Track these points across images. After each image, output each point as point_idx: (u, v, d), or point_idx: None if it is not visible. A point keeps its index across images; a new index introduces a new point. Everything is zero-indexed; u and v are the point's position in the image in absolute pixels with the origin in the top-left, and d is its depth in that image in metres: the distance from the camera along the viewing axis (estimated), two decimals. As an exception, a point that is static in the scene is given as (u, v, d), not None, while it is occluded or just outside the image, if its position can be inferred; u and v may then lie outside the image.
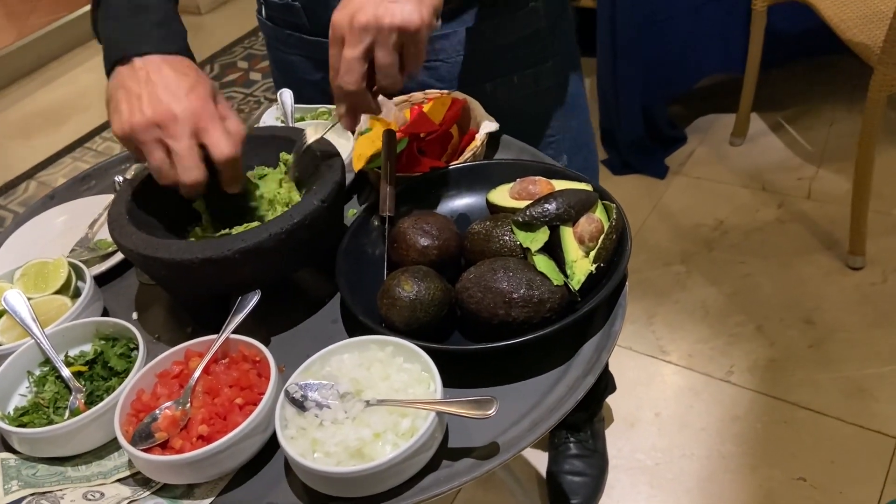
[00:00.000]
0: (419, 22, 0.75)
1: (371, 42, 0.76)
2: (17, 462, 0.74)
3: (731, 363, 1.90)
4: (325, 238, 0.86)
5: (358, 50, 0.76)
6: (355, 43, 0.76)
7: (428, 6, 0.76)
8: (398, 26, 0.74)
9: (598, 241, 0.81)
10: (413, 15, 0.75)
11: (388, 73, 0.77)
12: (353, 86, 0.77)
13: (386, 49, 0.76)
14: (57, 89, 3.58)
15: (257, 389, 0.74)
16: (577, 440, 1.69)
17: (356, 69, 0.77)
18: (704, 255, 2.21)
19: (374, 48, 0.76)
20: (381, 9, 0.74)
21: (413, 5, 0.75)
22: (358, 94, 0.78)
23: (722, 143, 2.61)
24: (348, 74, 0.77)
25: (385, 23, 0.74)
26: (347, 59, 0.76)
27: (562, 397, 0.74)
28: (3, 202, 2.87)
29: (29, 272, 0.91)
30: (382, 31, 0.75)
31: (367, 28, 0.75)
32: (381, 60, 0.76)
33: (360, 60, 0.76)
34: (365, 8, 0.75)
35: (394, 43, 0.76)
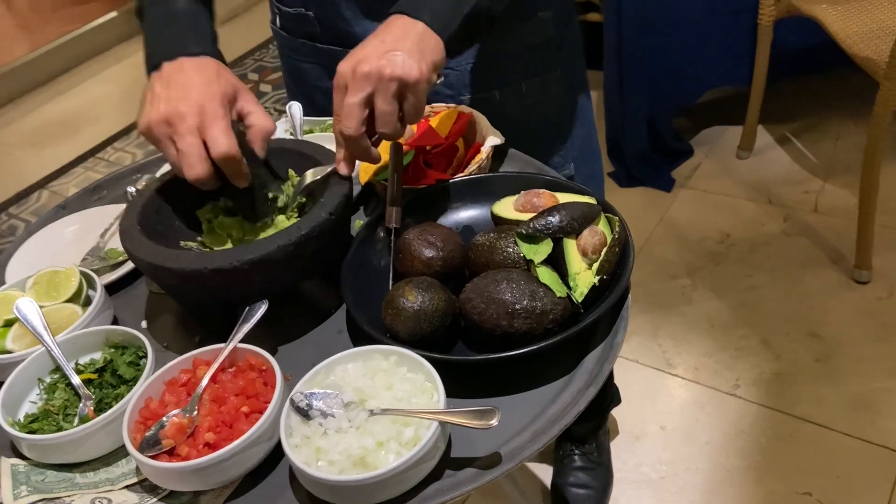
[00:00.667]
0: (418, 75, 0.79)
1: (372, 90, 0.80)
2: (27, 468, 0.75)
3: (736, 377, 1.90)
4: (332, 249, 0.88)
5: (358, 97, 0.80)
6: (356, 90, 0.80)
7: (428, 62, 0.81)
8: (398, 77, 0.79)
9: (601, 254, 0.82)
10: (413, 68, 0.79)
11: (387, 121, 0.81)
12: (352, 131, 0.81)
13: (385, 97, 0.80)
14: (69, 100, 3.62)
15: (263, 398, 0.75)
16: (582, 452, 1.69)
17: (356, 115, 0.80)
18: (710, 269, 2.21)
19: (374, 97, 0.80)
20: (383, 60, 0.79)
21: (414, 60, 0.79)
22: (356, 139, 0.82)
23: (728, 156, 2.61)
24: (348, 119, 0.80)
25: (386, 73, 0.78)
26: (348, 105, 0.80)
27: (564, 408, 0.75)
28: (16, 211, 2.90)
29: (41, 281, 0.92)
30: (382, 80, 0.79)
31: (368, 77, 0.79)
32: (380, 108, 0.80)
33: (360, 107, 0.80)
34: (369, 58, 0.79)
35: (393, 93, 0.80)
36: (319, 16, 1.11)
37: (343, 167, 0.86)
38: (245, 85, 0.90)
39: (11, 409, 0.79)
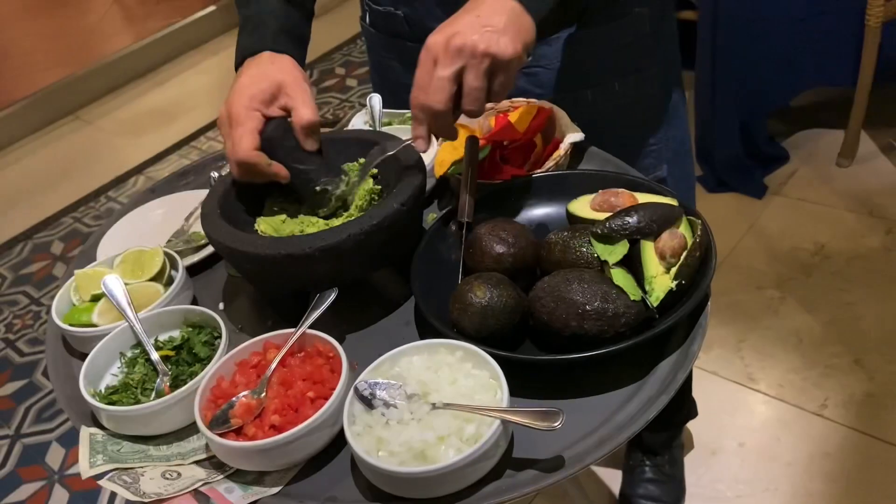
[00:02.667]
0: (512, 53, 0.77)
1: (463, 65, 0.78)
2: (104, 438, 0.79)
3: (824, 396, 1.80)
4: (403, 241, 0.88)
5: (450, 70, 0.78)
6: (448, 64, 0.77)
7: (523, 41, 0.79)
8: (493, 54, 0.77)
9: (680, 258, 0.79)
10: (508, 46, 0.77)
11: (476, 98, 0.79)
12: (440, 105, 0.79)
13: (477, 73, 0.77)
14: (168, 90, 3.80)
15: (329, 384, 0.76)
16: (654, 464, 1.63)
17: (446, 89, 0.78)
18: (802, 281, 2.10)
19: (464, 72, 0.78)
20: (477, 35, 0.77)
21: (509, 37, 0.77)
22: (443, 114, 0.80)
23: (828, 163, 2.47)
24: (438, 93, 0.78)
25: (480, 48, 0.76)
26: (439, 78, 0.78)
27: (633, 416, 0.72)
28: (114, 195, 3.06)
29: (127, 259, 0.96)
30: (476, 55, 0.77)
31: (461, 51, 0.77)
32: (470, 84, 0.78)
33: (451, 81, 0.78)
34: (463, 32, 0.77)
35: (485, 69, 0.77)
36: (409, 15, 1.11)
37: (421, 143, 0.83)
38: (298, 77, 0.90)
39: (94, 381, 0.83)
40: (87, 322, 0.90)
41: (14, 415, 2.13)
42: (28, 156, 3.47)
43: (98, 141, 3.50)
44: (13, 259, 2.79)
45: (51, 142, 3.55)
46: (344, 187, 0.92)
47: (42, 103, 3.65)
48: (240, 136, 0.85)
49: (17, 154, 3.49)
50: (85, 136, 3.56)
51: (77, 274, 0.95)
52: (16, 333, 2.43)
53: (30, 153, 3.49)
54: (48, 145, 3.53)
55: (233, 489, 0.72)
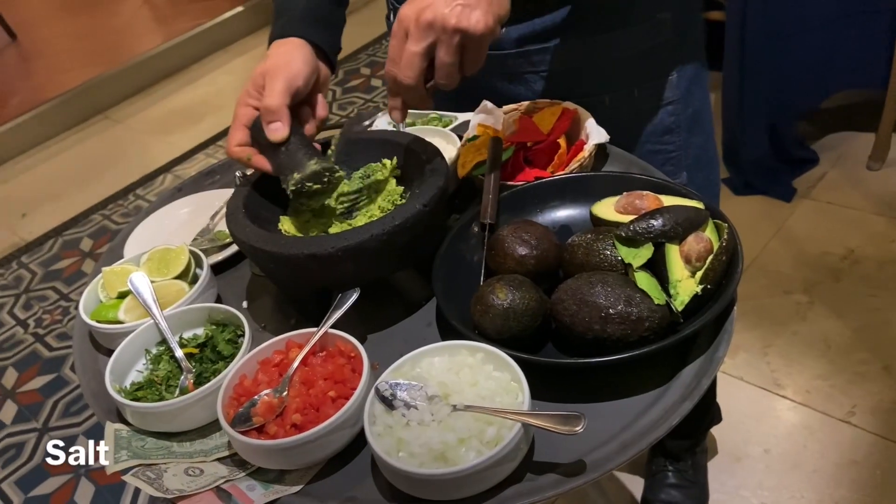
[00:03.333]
0: (484, 28, 0.76)
1: (434, 40, 0.77)
2: (129, 434, 0.80)
3: (852, 403, 1.76)
4: (425, 242, 0.87)
5: (421, 46, 0.77)
6: (419, 39, 0.77)
7: (494, 14, 0.77)
8: (463, 29, 0.76)
9: (705, 262, 0.78)
10: (479, 21, 0.76)
11: (448, 73, 0.78)
12: (411, 80, 0.78)
13: (448, 49, 0.77)
14: (196, 89, 3.84)
15: (350, 384, 0.76)
16: (677, 469, 1.62)
17: (416, 64, 0.78)
18: (830, 286, 2.06)
19: (436, 46, 0.77)
20: (448, 9, 0.75)
21: (481, 12, 0.76)
22: (414, 88, 0.79)
23: (858, 166, 2.43)
24: (409, 69, 0.78)
25: (451, 24, 0.75)
26: (410, 53, 0.77)
27: (656, 421, 0.71)
28: (142, 192, 3.10)
29: (154, 257, 0.98)
30: (447, 30, 0.76)
31: (432, 26, 0.76)
32: (442, 59, 0.78)
33: (421, 56, 0.77)
34: (434, 5, 0.76)
35: (456, 44, 0.77)
36: None
37: (396, 114, 0.84)
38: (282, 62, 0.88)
39: (119, 377, 0.84)
40: (114, 319, 0.91)
41: (42, 408, 2.17)
42: (58, 154, 3.53)
43: (127, 140, 3.56)
44: (43, 255, 2.84)
45: (80, 140, 3.61)
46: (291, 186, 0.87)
47: (72, 102, 3.71)
48: (231, 131, 0.90)
49: (48, 152, 3.56)
50: (114, 135, 3.62)
51: (104, 271, 0.96)
52: (45, 328, 2.47)
53: (60, 151, 3.55)
54: (78, 144, 3.59)
55: (254, 487, 0.73)
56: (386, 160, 0.95)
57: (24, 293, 2.65)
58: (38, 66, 4.33)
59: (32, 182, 3.37)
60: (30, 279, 2.72)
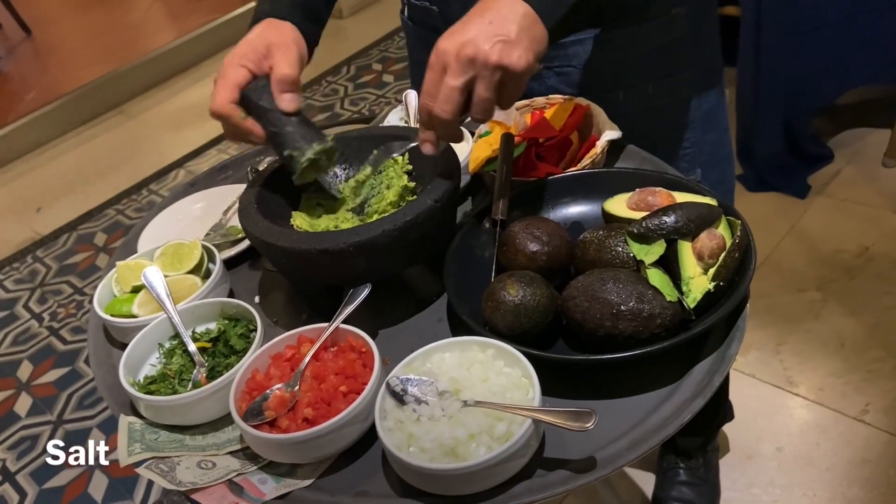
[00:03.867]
0: (525, 65, 0.75)
1: (474, 75, 0.76)
2: (142, 426, 0.80)
3: (866, 401, 1.75)
4: (436, 238, 0.88)
5: (460, 81, 0.76)
6: (459, 74, 0.76)
7: (534, 52, 0.77)
8: (505, 66, 0.75)
9: (718, 259, 0.77)
10: (521, 58, 0.75)
11: (485, 108, 0.78)
12: (448, 115, 0.77)
13: (488, 85, 0.76)
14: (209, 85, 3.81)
15: (361, 379, 0.76)
16: (688, 467, 1.61)
17: (455, 99, 0.77)
18: (844, 283, 2.05)
19: (475, 82, 0.76)
20: (489, 45, 0.74)
21: (522, 49, 0.75)
22: (450, 123, 0.79)
23: (873, 163, 2.41)
24: (447, 104, 0.77)
25: (492, 60, 0.74)
26: (449, 88, 0.76)
27: (667, 418, 0.71)
28: (155, 188, 3.12)
29: (167, 252, 0.98)
30: (488, 66, 0.75)
31: (473, 62, 0.75)
32: (481, 94, 0.77)
33: (460, 91, 0.76)
34: (476, 41, 0.75)
35: (497, 80, 0.76)
36: (443, 9, 1.11)
37: (428, 147, 0.82)
38: (290, 39, 0.90)
39: (133, 371, 0.85)
40: (128, 313, 0.92)
41: (57, 401, 2.19)
42: (73, 149, 3.56)
43: (140, 135, 3.58)
44: (58, 249, 2.87)
45: (95, 136, 3.63)
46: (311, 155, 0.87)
47: (86, 98, 3.73)
48: (219, 88, 0.87)
49: (62, 147, 3.58)
50: (128, 131, 3.64)
51: (118, 266, 0.97)
52: (60, 322, 2.49)
53: (74, 147, 3.57)
54: (92, 139, 3.61)
55: (266, 480, 0.73)
56: (398, 156, 0.95)
57: (39, 287, 2.68)
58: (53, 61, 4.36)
59: (47, 177, 3.40)
60: (45, 273, 2.75)
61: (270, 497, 0.71)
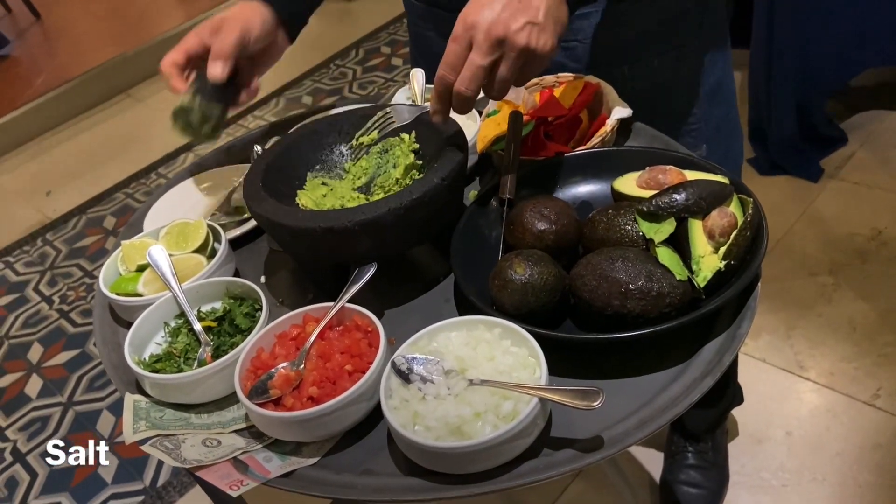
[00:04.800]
0: (550, 49, 0.77)
1: (500, 55, 0.76)
2: (148, 405, 0.80)
3: (878, 386, 1.73)
4: (443, 216, 0.87)
5: (488, 60, 0.76)
6: (486, 53, 0.76)
7: (559, 34, 0.78)
8: (532, 49, 0.75)
9: (729, 237, 0.76)
10: (547, 43, 0.76)
11: (504, 88, 0.78)
12: (471, 92, 0.78)
13: (512, 66, 0.76)
14: (217, 69, 3.84)
15: (367, 358, 0.76)
16: (697, 450, 1.60)
17: (479, 78, 0.77)
18: (857, 267, 2.03)
19: (499, 61, 0.76)
20: (517, 25, 0.74)
21: (549, 33, 0.76)
22: (471, 101, 0.79)
23: (888, 146, 2.37)
24: (472, 82, 0.77)
25: (521, 43, 0.75)
26: (475, 66, 0.76)
27: (675, 398, 0.70)
28: (164, 171, 3.12)
29: (172, 231, 0.98)
30: (515, 48, 0.75)
31: (502, 43, 0.75)
32: (502, 74, 0.77)
33: (486, 70, 0.76)
34: (506, 21, 0.74)
35: (521, 62, 0.76)
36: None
37: (439, 118, 0.82)
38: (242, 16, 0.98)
39: (138, 349, 0.85)
40: (133, 291, 0.91)
41: (67, 383, 2.21)
42: (81, 133, 3.56)
43: (149, 118, 3.57)
44: (68, 233, 2.88)
45: (103, 119, 3.64)
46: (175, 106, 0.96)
47: (95, 81, 3.73)
48: (171, 50, 0.97)
49: (71, 131, 3.59)
50: (136, 114, 3.63)
51: (124, 245, 0.97)
52: (70, 305, 2.51)
53: (83, 130, 3.58)
54: (101, 123, 3.62)
55: (271, 458, 0.73)
56: (404, 134, 0.94)
57: (49, 270, 2.69)
58: (62, 45, 4.36)
59: (56, 160, 3.40)
60: (54, 256, 2.76)
61: (275, 475, 0.71)
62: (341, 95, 3.30)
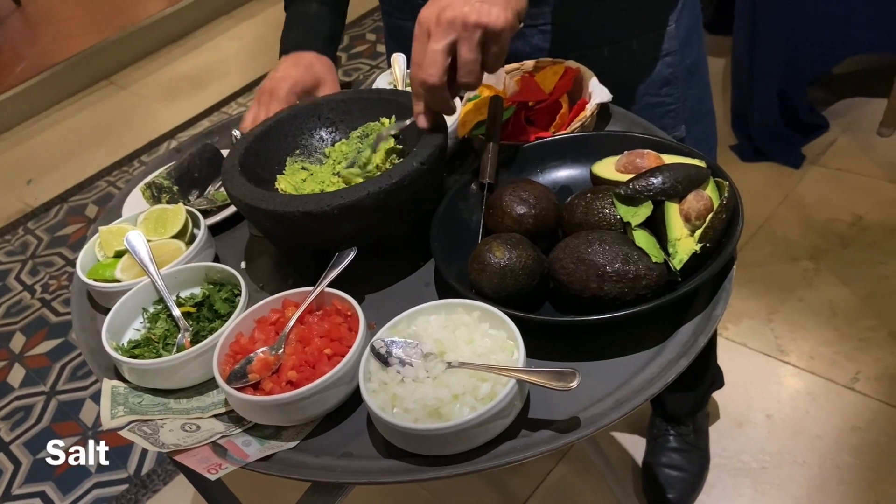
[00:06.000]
0: (504, 23, 0.77)
1: (455, 38, 0.77)
2: (126, 390, 0.80)
3: (857, 369, 1.76)
4: (423, 201, 0.87)
5: (442, 44, 0.77)
6: (440, 37, 0.77)
7: (513, 10, 0.78)
8: (483, 24, 0.76)
9: (705, 220, 0.77)
10: (499, 16, 0.77)
11: (470, 70, 0.79)
12: (435, 78, 0.78)
13: (469, 45, 0.77)
14: (201, 55, 3.80)
15: (346, 342, 0.76)
16: (678, 433, 1.62)
17: (439, 62, 0.78)
18: (837, 253, 2.05)
19: (457, 44, 0.78)
20: (467, 7, 0.76)
21: (500, 7, 0.77)
22: (438, 88, 0.79)
23: (869, 132, 2.39)
24: (432, 67, 0.78)
25: (471, 20, 0.76)
26: (432, 51, 0.78)
27: (651, 379, 0.71)
28: (147, 159, 3.09)
29: (151, 217, 0.97)
30: (468, 27, 0.76)
31: (452, 24, 0.77)
32: (464, 56, 0.78)
33: (443, 53, 0.78)
34: (453, 5, 0.77)
35: (478, 40, 0.77)
36: None
37: (422, 120, 0.84)
38: (334, 79, 1.06)
39: (116, 335, 0.84)
40: (111, 277, 0.91)
41: (50, 372, 2.19)
42: (63, 120, 3.52)
43: (132, 105, 3.54)
44: (49, 221, 2.85)
45: (85, 106, 3.60)
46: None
47: (77, 68, 3.69)
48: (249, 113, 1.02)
49: (53, 118, 3.55)
50: (119, 101, 3.60)
51: (101, 230, 0.96)
52: (51, 294, 2.49)
53: (65, 118, 3.54)
54: (83, 110, 3.58)
55: (250, 442, 0.73)
56: (384, 119, 0.94)
57: (31, 259, 2.67)
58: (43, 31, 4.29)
59: (38, 148, 3.37)
60: (36, 245, 2.74)
61: (254, 459, 0.71)
62: (326, 82, 3.28)
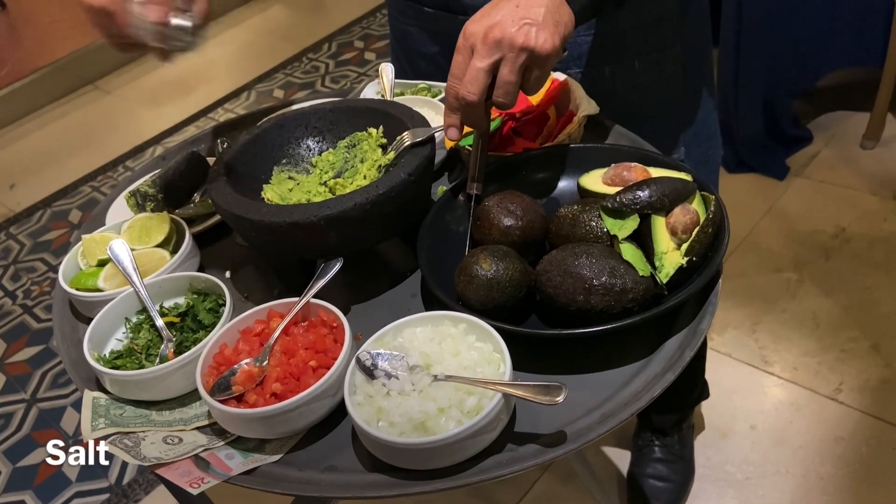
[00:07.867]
0: (550, 48, 0.76)
1: (500, 57, 0.77)
2: (108, 402, 0.79)
3: (839, 380, 1.77)
4: (410, 212, 0.86)
5: (486, 62, 0.77)
6: (485, 55, 0.76)
7: (561, 35, 0.78)
8: (530, 48, 0.76)
9: (691, 234, 0.77)
10: (546, 41, 0.76)
11: (508, 91, 0.78)
12: (474, 97, 0.78)
13: (512, 67, 0.77)
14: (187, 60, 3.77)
15: (331, 354, 0.75)
16: (663, 444, 1.62)
17: (481, 80, 0.77)
18: (821, 264, 2.06)
19: (500, 64, 0.77)
20: (516, 28, 0.75)
21: (548, 32, 0.76)
22: (475, 106, 0.79)
23: (852, 145, 2.42)
24: (473, 84, 0.77)
25: (518, 42, 0.75)
26: (475, 69, 0.77)
27: (637, 393, 0.71)
28: (132, 164, 3.07)
29: (135, 225, 0.96)
30: (514, 49, 0.76)
31: (499, 44, 0.76)
32: (504, 77, 0.77)
33: (486, 72, 0.77)
34: (502, 24, 0.76)
35: (521, 63, 0.77)
36: None
37: (453, 132, 0.83)
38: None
39: (98, 345, 0.83)
40: (93, 287, 0.90)
41: (30, 380, 2.16)
42: (47, 125, 3.49)
43: (117, 111, 3.51)
44: (32, 226, 2.82)
45: (70, 111, 3.56)
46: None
47: (62, 72, 3.65)
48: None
49: (37, 122, 3.51)
50: (104, 106, 3.57)
51: (84, 239, 0.95)
52: (33, 300, 2.46)
53: (49, 122, 3.50)
54: (67, 114, 3.54)
55: (233, 455, 0.72)
56: (372, 129, 0.94)
57: (13, 264, 2.63)
58: (28, 35, 4.25)
59: (21, 153, 3.33)
60: (18, 250, 2.70)
61: (237, 472, 0.70)
62: (314, 89, 3.28)
